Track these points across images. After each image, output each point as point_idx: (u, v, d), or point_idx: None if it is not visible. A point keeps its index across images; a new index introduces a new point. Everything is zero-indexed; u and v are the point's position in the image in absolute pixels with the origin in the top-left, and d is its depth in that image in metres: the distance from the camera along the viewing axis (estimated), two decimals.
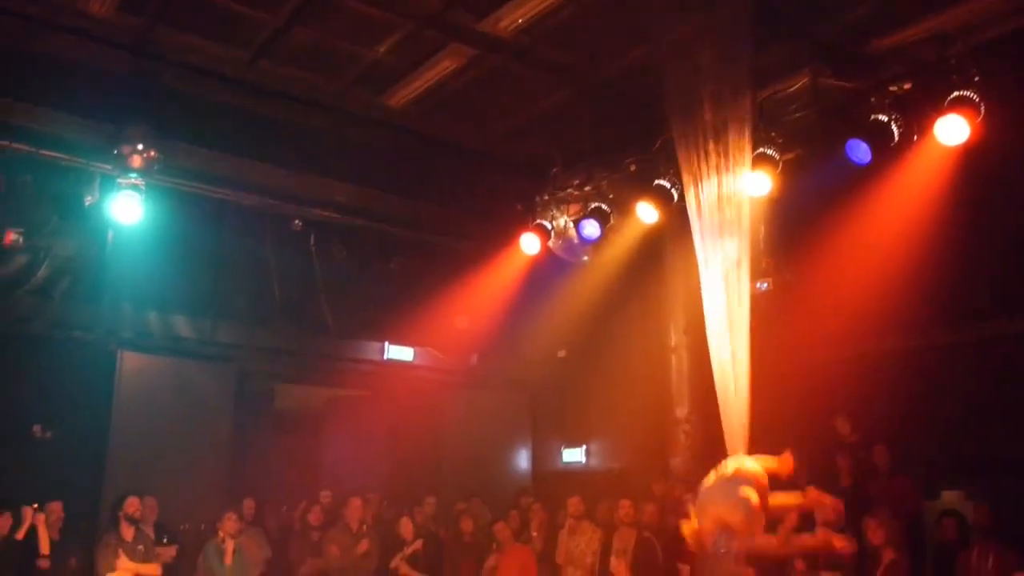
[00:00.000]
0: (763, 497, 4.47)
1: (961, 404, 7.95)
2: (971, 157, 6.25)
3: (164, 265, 8.71)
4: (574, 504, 8.61)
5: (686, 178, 5.56)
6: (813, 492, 4.81)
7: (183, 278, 9.01)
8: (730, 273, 5.15)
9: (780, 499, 4.60)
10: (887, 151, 6.32)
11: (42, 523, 7.00)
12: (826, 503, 4.77)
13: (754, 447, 4.73)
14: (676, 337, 9.44)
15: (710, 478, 4.67)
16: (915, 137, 6.28)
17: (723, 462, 4.67)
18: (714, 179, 5.44)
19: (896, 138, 6.23)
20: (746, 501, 4.40)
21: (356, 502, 8.70)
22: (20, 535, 6.91)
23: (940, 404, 8.04)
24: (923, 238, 7.20)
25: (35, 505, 6.97)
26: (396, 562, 8.47)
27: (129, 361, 8.90)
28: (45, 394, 8.34)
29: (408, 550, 8.55)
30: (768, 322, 8.03)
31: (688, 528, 4.66)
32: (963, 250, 7.52)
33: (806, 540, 4.73)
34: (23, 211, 8.01)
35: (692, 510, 4.66)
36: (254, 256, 9.43)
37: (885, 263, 7.49)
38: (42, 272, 8.32)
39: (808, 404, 8.42)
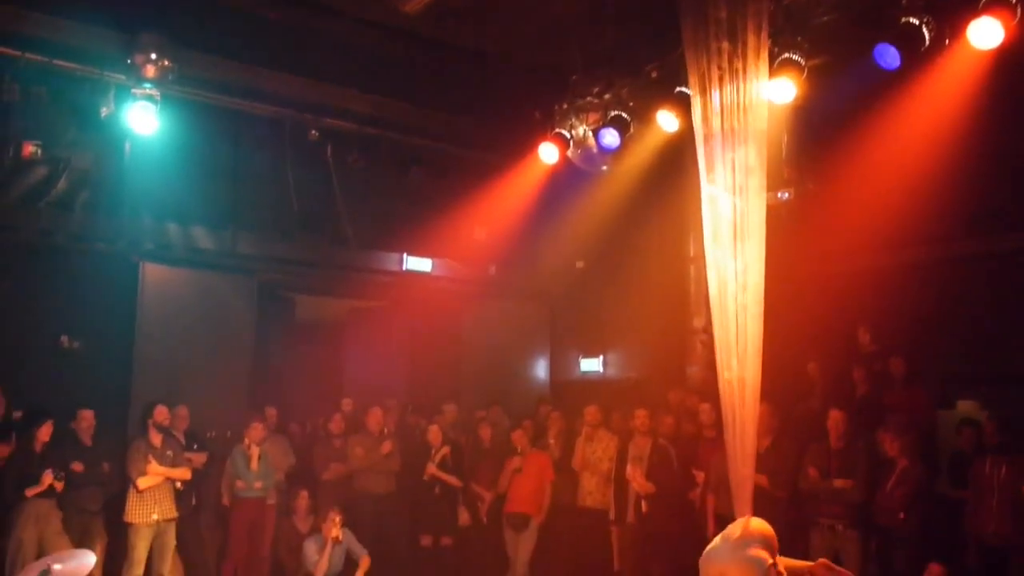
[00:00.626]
0: (774, 556, 4.43)
1: (981, 315, 7.94)
2: (1004, 62, 6.05)
3: (182, 176, 8.70)
4: (591, 413, 8.76)
5: (693, 79, 5.34)
6: (825, 562, 4.75)
7: (201, 189, 9.00)
8: (742, 182, 4.99)
9: (792, 564, 4.55)
10: (917, 56, 6.13)
11: (60, 485, 7.15)
12: (840, 571, 4.70)
13: (767, 363, 4.71)
14: (695, 247, 9.40)
15: (715, 543, 4.61)
16: (947, 41, 6.06)
17: (730, 526, 4.62)
18: (728, 84, 5.24)
19: (927, 42, 6.02)
20: (761, 561, 4.36)
21: (376, 411, 8.93)
22: (30, 493, 7.02)
23: (960, 315, 8.03)
24: (951, 146, 7.04)
25: (58, 471, 7.09)
26: (429, 469, 8.72)
27: (151, 272, 8.98)
28: (70, 305, 8.47)
29: (436, 456, 8.79)
30: (790, 232, 8.00)
31: None
32: (991, 159, 7.36)
33: None
34: (40, 123, 7.99)
35: None
36: (272, 167, 9.39)
37: (911, 172, 7.36)
38: (62, 184, 8.33)
39: (828, 315, 8.43)
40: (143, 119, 7.55)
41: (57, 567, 4.63)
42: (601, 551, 8.36)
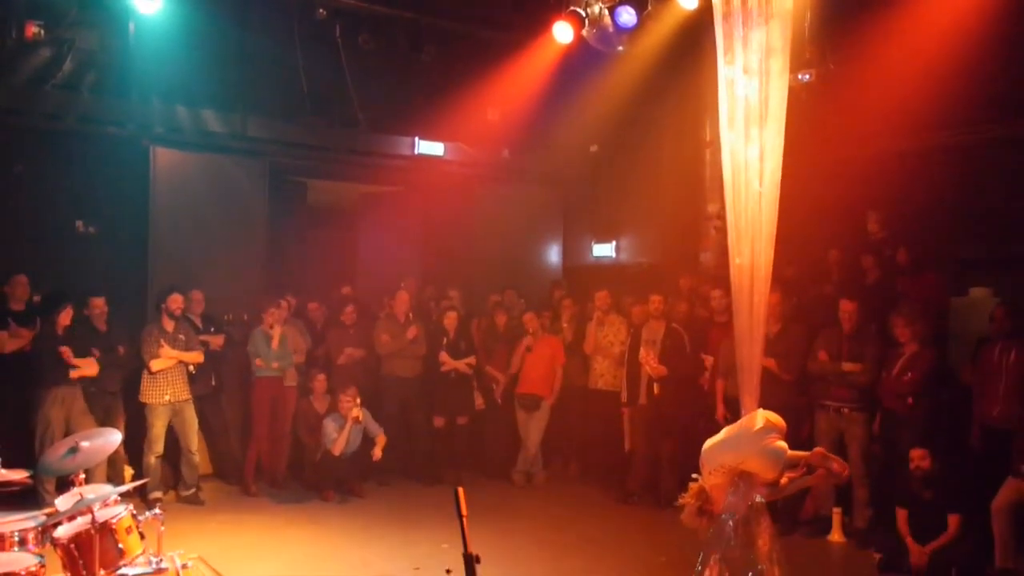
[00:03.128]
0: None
1: (999, 200, 7.84)
2: None
3: (189, 58, 8.54)
4: (601, 298, 8.83)
5: None
6: (820, 451, 4.91)
7: (209, 71, 8.83)
8: (763, 64, 4.81)
9: (791, 454, 4.68)
10: None
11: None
12: (833, 459, 4.84)
13: (779, 248, 4.68)
14: (711, 131, 9.23)
15: (728, 433, 4.68)
16: None
17: (744, 418, 4.67)
18: None
19: None
20: (782, 452, 4.51)
21: (403, 295, 9.01)
22: (75, 375, 7.30)
23: (978, 200, 7.94)
24: (975, 30, 6.81)
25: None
26: (441, 356, 8.88)
27: (162, 157, 8.92)
28: (84, 190, 8.47)
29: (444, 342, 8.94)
30: (810, 115, 7.83)
31: (697, 486, 4.66)
32: (1015, 44, 7.12)
33: (808, 480, 4.87)
34: (41, 1, 7.80)
35: (704, 468, 4.61)
36: (280, 48, 9.17)
37: (935, 54, 7.13)
38: (67, 65, 8.20)
39: (846, 200, 8.35)
40: None
41: (85, 444, 4.80)
42: (612, 431, 8.57)
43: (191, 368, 7.97)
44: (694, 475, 4.74)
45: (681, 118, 9.82)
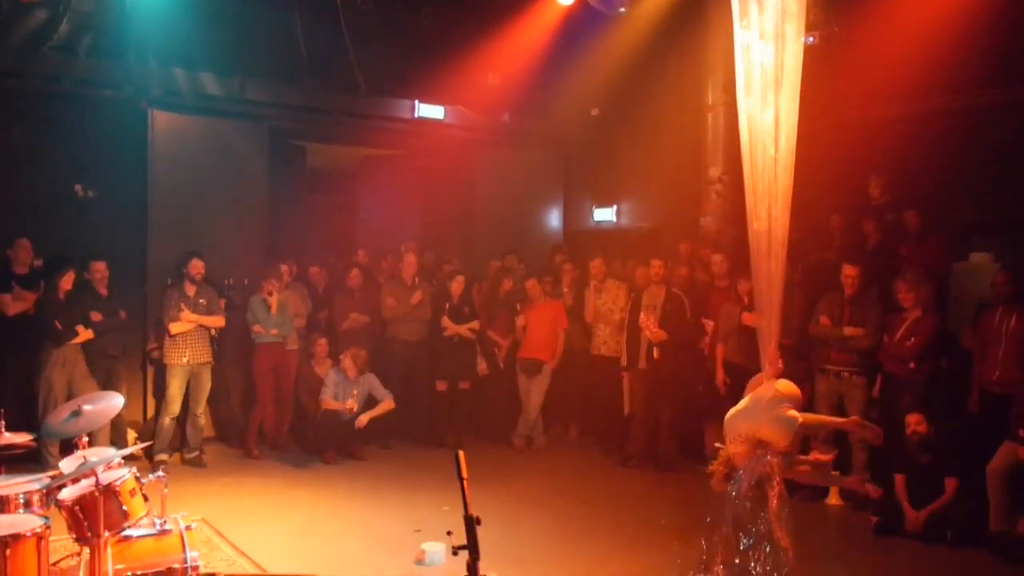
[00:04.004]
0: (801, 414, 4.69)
1: (1000, 165, 7.81)
2: None
3: (187, 20, 8.39)
4: (596, 266, 8.84)
5: None
6: (856, 419, 5.04)
7: (207, 33, 8.70)
8: (779, 29, 4.79)
9: (825, 420, 4.79)
10: None
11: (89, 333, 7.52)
12: (868, 427, 4.97)
13: (793, 214, 4.69)
14: (714, 95, 9.17)
15: (744, 404, 4.78)
16: None
17: (759, 388, 4.74)
18: None
19: None
20: (793, 420, 4.59)
21: (411, 259, 9.01)
22: (76, 340, 7.43)
23: (980, 164, 7.90)
24: None
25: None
26: (444, 321, 8.89)
27: (160, 120, 8.84)
28: (83, 154, 8.40)
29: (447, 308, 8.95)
30: (813, 78, 7.76)
31: (724, 453, 4.79)
32: (1020, 7, 7.04)
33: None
34: None
35: (727, 436, 4.75)
36: (279, 10, 9.05)
37: (938, 18, 7.07)
38: (64, 27, 8.10)
39: (846, 164, 8.30)
40: None
41: (87, 408, 4.81)
42: (612, 396, 8.60)
43: (213, 332, 8.08)
44: (717, 444, 4.89)
45: (683, 81, 9.73)
